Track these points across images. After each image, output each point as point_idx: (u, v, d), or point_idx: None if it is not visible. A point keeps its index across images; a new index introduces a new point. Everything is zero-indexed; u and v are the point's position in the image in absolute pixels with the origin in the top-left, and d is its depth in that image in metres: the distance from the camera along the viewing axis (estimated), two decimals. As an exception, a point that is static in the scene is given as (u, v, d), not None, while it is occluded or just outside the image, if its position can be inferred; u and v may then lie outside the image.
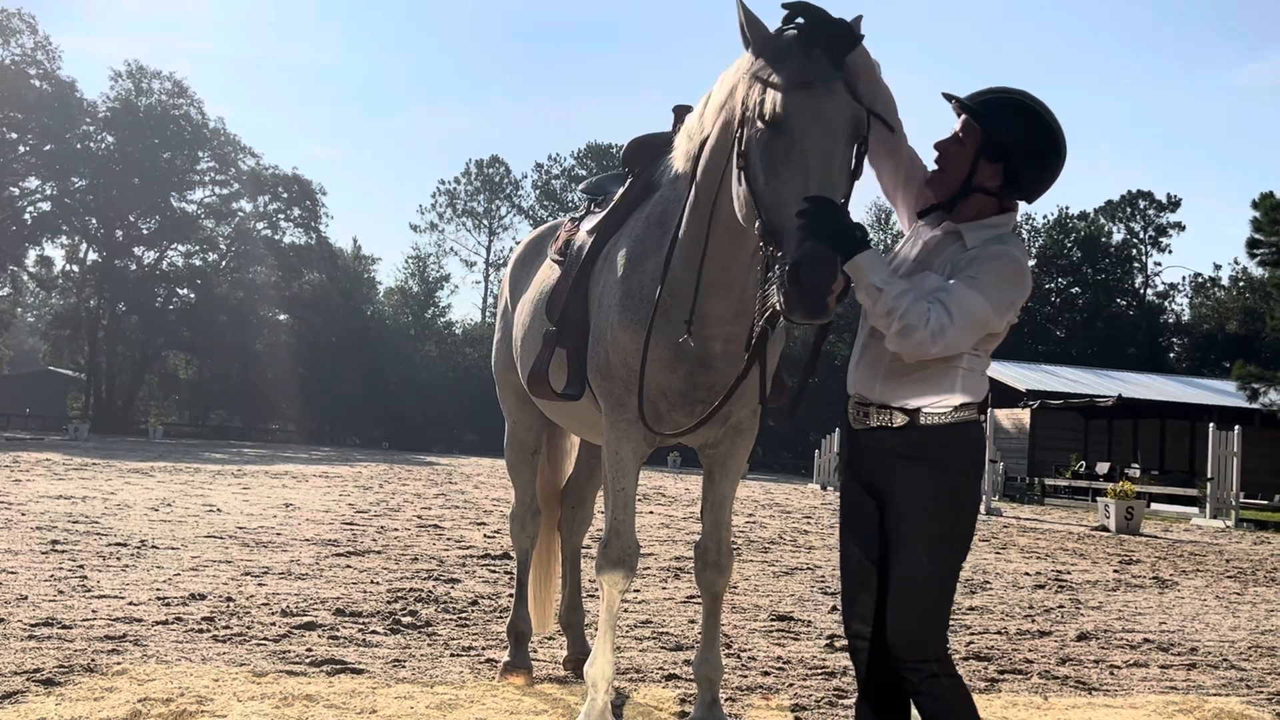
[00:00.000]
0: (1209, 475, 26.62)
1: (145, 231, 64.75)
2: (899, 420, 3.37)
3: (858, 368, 3.49)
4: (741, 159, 3.52)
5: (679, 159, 4.32)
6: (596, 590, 4.85)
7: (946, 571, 3.36)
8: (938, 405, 3.36)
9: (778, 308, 3.21)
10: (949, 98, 3.46)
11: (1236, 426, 26.44)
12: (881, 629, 3.36)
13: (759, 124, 3.41)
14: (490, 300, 77.92)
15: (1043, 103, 3.40)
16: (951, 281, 3.27)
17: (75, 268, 65.68)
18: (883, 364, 3.39)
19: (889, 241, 67.94)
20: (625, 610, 8.01)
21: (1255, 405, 32.58)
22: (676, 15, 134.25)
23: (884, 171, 3.70)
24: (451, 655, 6.26)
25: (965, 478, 3.40)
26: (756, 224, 3.42)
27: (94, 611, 6.90)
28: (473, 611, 7.74)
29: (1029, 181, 3.40)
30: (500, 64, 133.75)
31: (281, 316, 68.13)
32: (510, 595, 7.58)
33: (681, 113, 4.95)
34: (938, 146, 3.43)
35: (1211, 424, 27.78)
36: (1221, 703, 6.06)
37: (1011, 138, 3.33)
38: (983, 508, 21.23)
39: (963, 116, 3.41)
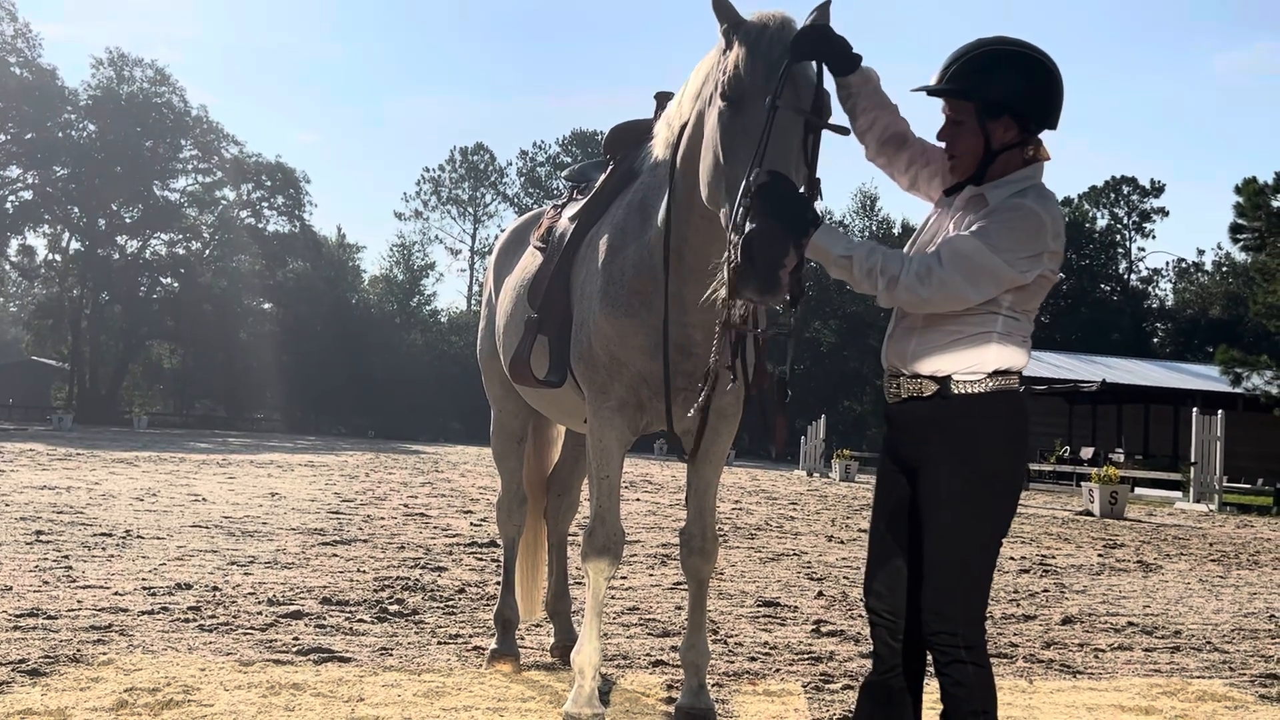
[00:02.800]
0: (1192, 459, 26.78)
1: (128, 220, 64.40)
2: (929, 389, 3.26)
3: (891, 339, 3.39)
4: (709, 141, 3.56)
5: (659, 146, 4.33)
6: (583, 578, 4.85)
7: (978, 552, 3.23)
8: (970, 373, 3.23)
9: (731, 288, 3.19)
10: (924, 90, 3.36)
11: (1220, 411, 26.60)
12: (905, 606, 3.34)
13: (720, 103, 3.43)
14: (475, 288, 77.74)
15: (1002, 38, 3.30)
16: (952, 237, 3.22)
17: (58, 257, 65.32)
18: (915, 332, 3.30)
19: (873, 229, 67.97)
20: (612, 597, 8.02)
21: (1238, 390, 32.74)
22: (661, 2, 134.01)
23: (898, 167, 3.59)
24: (439, 643, 6.26)
25: (1000, 453, 3.25)
26: (720, 206, 3.45)
27: (79, 602, 6.88)
28: (459, 599, 7.74)
29: (1041, 115, 3.28)
30: (485, 51, 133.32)
31: (266, 305, 67.93)
32: (497, 583, 7.58)
33: (664, 99, 4.95)
34: (941, 137, 3.35)
35: (1195, 408, 27.95)
36: (1205, 685, 6.10)
37: (1003, 91, 3.22)
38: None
39: (950, 99, 3.32)
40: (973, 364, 3.24)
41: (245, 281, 66.18)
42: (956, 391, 3.23)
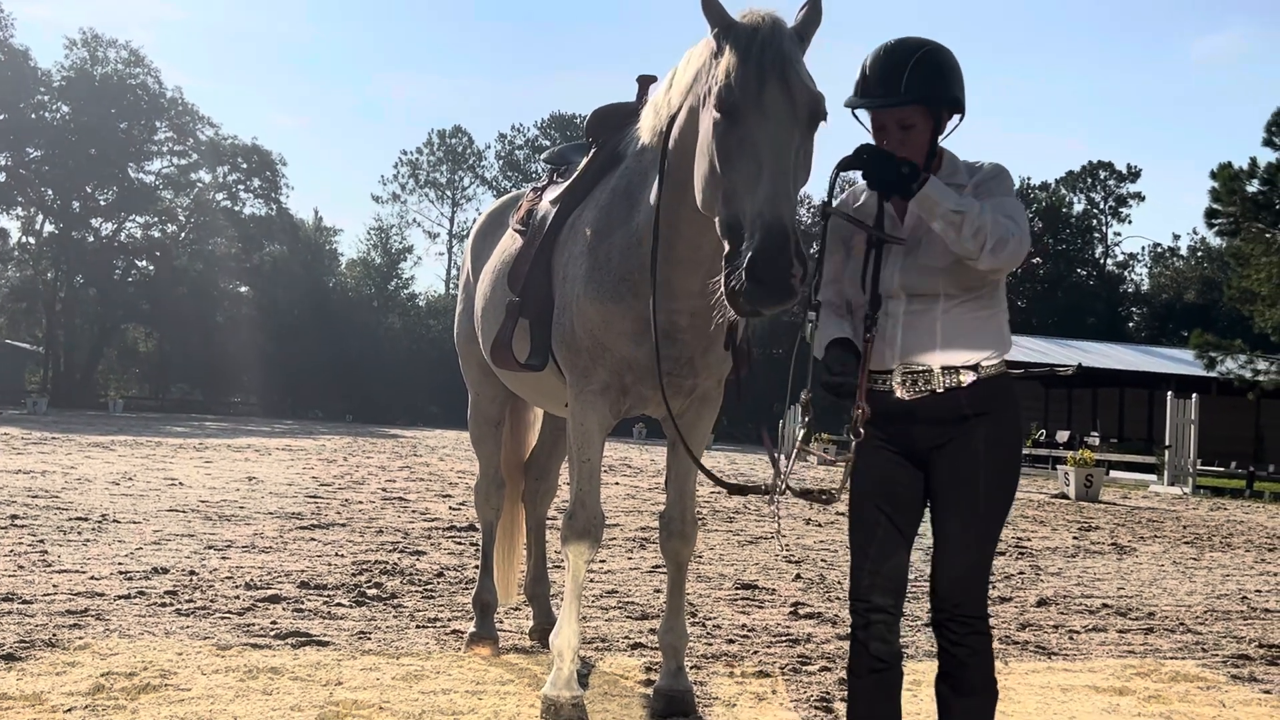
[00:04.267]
0: (1167, 443, 27.00)
1: (103, 203, 63.79)
2: (968, 378, 3.31)
3: (900, 339, 3.35)
4: (703, 146, 3.52)
5: (645, 132, 4.31)
6: (561, 561, 4.86)
7: (999, 527, 3.38)
8: (993, 358, 3.35)
9: (743, 306, 3.20)
10: (886, 104, 3.33)
11: (1194, 395, 26.81)
12: (900, 594, 3.36)
13: (716, 114, 3.40)
14: (454, 272, 77.44)
15: (913, 39, 3.36)
16: (994, 201, 3.28)
17: (31, 240, 64.64)
18: (937, 327, 3.32)
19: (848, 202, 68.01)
20: (591, 581, 8.04)
21: (1212, 374, 32.92)
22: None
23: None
24: (417, 627, 6.26)
25: (1018, 433, 3.44)
26: (716, 214, 3.42)
27: (55, 586, 6.85)
28: (438, 583, 7.74)
29: (963, 101, 3.39)
30: (463, 33, 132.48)
31: (242, 289, 67.45)
32: (475, 567, 7.58)
33: (646, 82, 4.94)
34: (890, 147, 3.32)
35: (1170, 392, 28.16)
36: (1178, 666, 6.17)
37: (953, 88, 3.33)
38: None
39: (900, 108, 3.31)
40: (996, 350, 3.37)
41: (221, 265, 65.68)
42: (985, 375, 3.33)
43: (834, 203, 3.42)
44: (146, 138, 64.21)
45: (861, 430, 3.23)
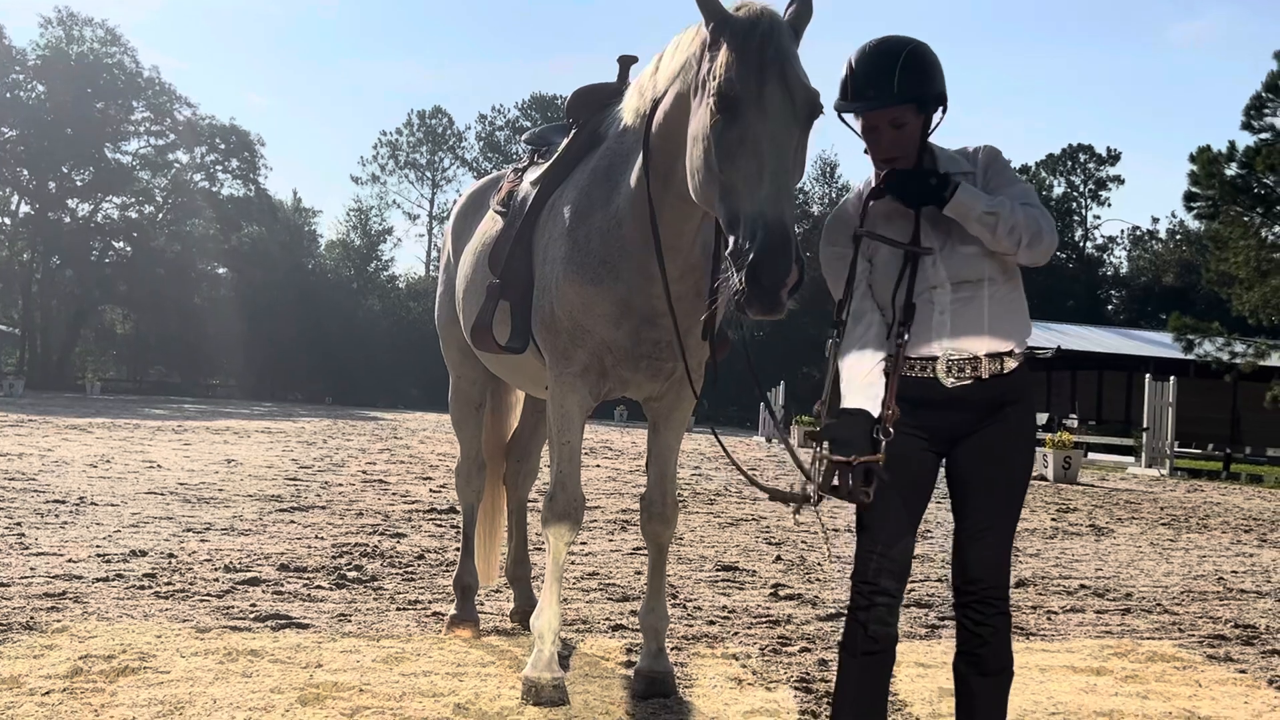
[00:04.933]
0: (1144, 425, 27.17)
1: (79, 183, 63.26)
2: (1010, 365, 3.37)
3: (950, 327, 3.34)
4: (698, 140, 3.48)
5: (628, 114, 4.28)
6: (542, 544, 4.86)
7: (1021, 507, 3.48)
8: (1024, 343, 3.44)
9: (735, 303, 3.22)
10: (877, 106, 3.31)
11: (1172, 377, 26.97)
12: (902, 578, 3.38)
13: (710, 104, 3.37)
14: (434, 254, 77.15)
15: (894, 38, 3.37)
16: (1012, 192, 3.33)
17: (7, 220, 64.07)
18: (984, 312, 3.35)
19: (834, 195, 68.09)
20: (572, 563, 8.04)
21: (1190, 356, 33.13)
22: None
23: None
24: (398, 609, 6.25)
25: (1035, 417, 3.56)
26: (713, 209, 3.42)
27: (32, 569, 6.81)
28: (419, 566, 7.73)
29: (947, 95, 3.41)
30: (442, 12, 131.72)
31: (221, 270, 67.08)
32: (456, 549, 7.58)
33: (626, 63, 4.92)
34: (884, 144, 3.33)
35: (1148, 375, 28.30)
36: (1155, 646, 6.22)
37: (940, 84, 3.35)
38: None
39: (896, 107, 3.30)
40: (1028, 328, 3.46)
41: (199, 246, 65.28)
42: (1020, 361, 3.41)
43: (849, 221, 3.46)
44: (123, 118, 63.68)
45: (891, 430, 3.23)
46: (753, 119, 3.29)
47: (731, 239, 3.26)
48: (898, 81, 3.27)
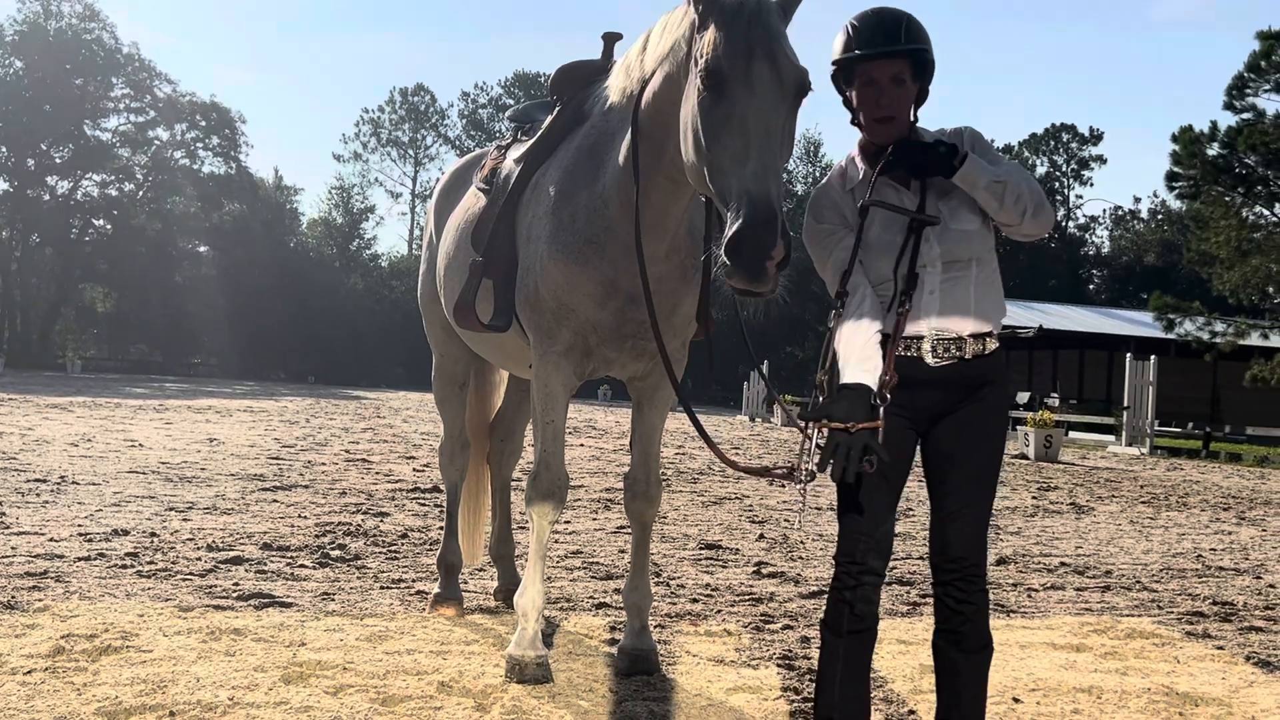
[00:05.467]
0: (1125, 404, 27.32)
1: (58, 160, 62.73)
2: (991, 345, 3.41)
3: (939, 307, 3.35)
4: (689, 121, 3.47)
5: (614, 92, 4.26)
6: (526, 522, 4.86)
7: (997, 484, 3.54)
8: (999, 325, 3.46)
9: (722, 276, 3.22)
10: (885, 52, 3.29)
11: (1152, 356, 27.12)
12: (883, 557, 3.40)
13: (699, 84, 3.36)
14: (417, 232, 76.89)
15: (886, 6, 3.38)
16: (1003, 166, 3.34)
17: (-15, 197, 63.61)
18: (971, 295, 3.37)
19: (818, 174, 68.07)
20: (555, 541, 8.05)
21: (1171, 335, 33.37)
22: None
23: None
24: (381, 588, 6.25)
25: (1008, 393, 3.61)
26: (703, 188, 3.42)
27: (13, 549, 6.78)
28: (402, 544, 7.73)
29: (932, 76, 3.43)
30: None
31: (202, 248, 66.69)
32: (440, 528, 7.58)
33: (611, 40, 4.89)
34: (882, 102, 3.31)
35: (1129, 354, 28.45)
36: (1134, 623, 6.27)
37: (933, 54, 3.35)
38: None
39: (895, 60, 3.29)
40: (1003, 309, 3.47)
41: (180, 224, 64.88)
42: (999, 341, 3.45)
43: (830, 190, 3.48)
44: (103, 94, 63.12)
45: (889, 396, 3.23)
46: (740, 97, 3.28)
47: (721, 215, 3.28)
48: (904, 34, 3.30)
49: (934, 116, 3.55)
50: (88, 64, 61.28)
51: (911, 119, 3.40)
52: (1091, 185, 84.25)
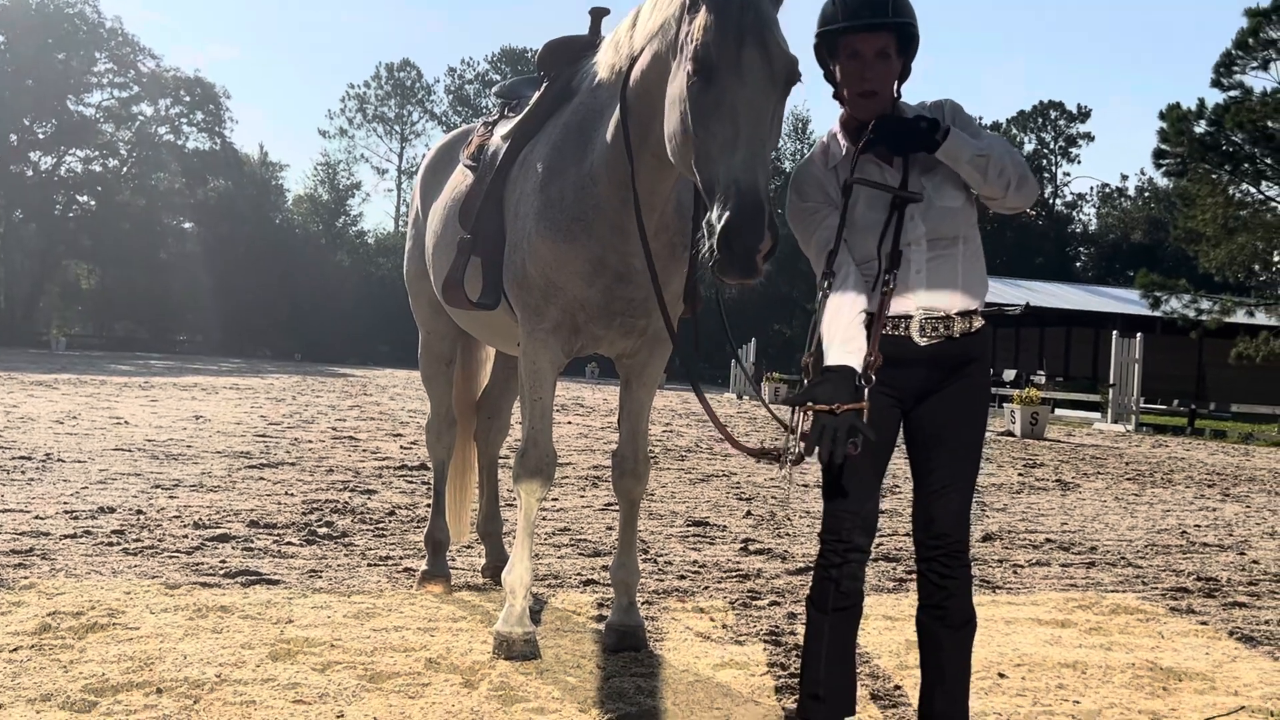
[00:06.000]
0: (1111, 381, 27.42)
1: (41, 136, 62.29)
2: (977, 323, 3.42)
3: (926, 284, 3.35)
4: (675, 103, 3.43)
5: (603, 69, 4.22)
6: (514, 500, 4.86)
7: (980, 461, 3.54)
8: (983, 302, 3.47)
9: (711, 269, 3.20)
10: (874, 23, 3.26)
11: (1139, 334, 27.20)
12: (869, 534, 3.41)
13: (688, 67, 3.33)
14: (403, 209, 76.61)
15: None
16: (985, 139, 3.33)
17: (-32, 174, 63.13)
18: (958, 272, 3.37)
19: (805, 151, 67.95)
20: (543, 518, 8.06)
21: (1157, 313, 33.49)
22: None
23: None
24: (369, 565, 6.25)
25: (989, 370, 3.60)
26: (690, 173, 3.38)
27: (-2, 526, 6.75)
28: (390, 522, 7.73)
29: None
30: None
31: (187, 225, 66.42)
32: (427, 506, 7.58)
33: (599, 15, 4.86)
34: (867, 76, 3.28)
35: (1115, 331, 28.54)
36: (1119, 598, 6.31)
37: (918, 30, 3.32)
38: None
39: (881, 34, 3.26)
40: (986, 286, 3.47)
41: (165, 200, 64.55)
42: (984, 319, 3.45)
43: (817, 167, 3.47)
44: (86, 69, 62.64)
45: (874, 377, 3.23)
46: (730, 84, 3.24)
47: (709, 204, 3.24)
48: (891, 7, 3.25)
49: (922, 93, 3.51)
50: (70, 39, 60.77)
51: (895, 95, 3.36)
52: (1079, 163, 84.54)
